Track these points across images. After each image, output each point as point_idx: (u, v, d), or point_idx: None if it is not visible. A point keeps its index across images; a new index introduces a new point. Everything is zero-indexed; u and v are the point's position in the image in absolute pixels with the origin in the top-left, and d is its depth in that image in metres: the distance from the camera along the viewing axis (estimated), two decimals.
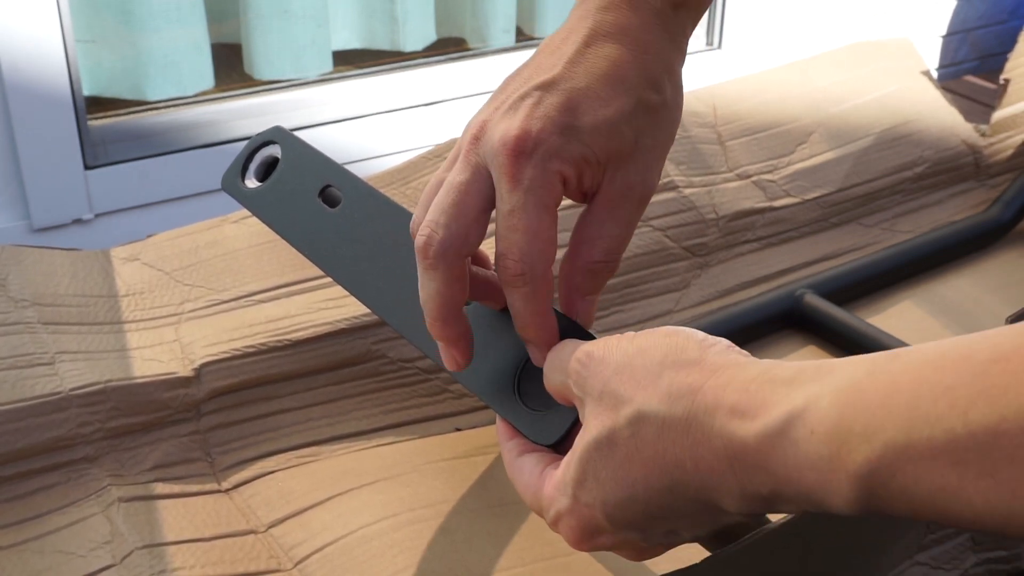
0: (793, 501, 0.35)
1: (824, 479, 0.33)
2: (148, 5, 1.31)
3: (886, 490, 0.32)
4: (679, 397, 0.37)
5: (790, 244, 0.96)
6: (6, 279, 0.74)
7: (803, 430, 0.34)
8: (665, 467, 0.37)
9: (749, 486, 0.36)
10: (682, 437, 0.37)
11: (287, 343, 0.73)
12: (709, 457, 0.36)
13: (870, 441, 0.32)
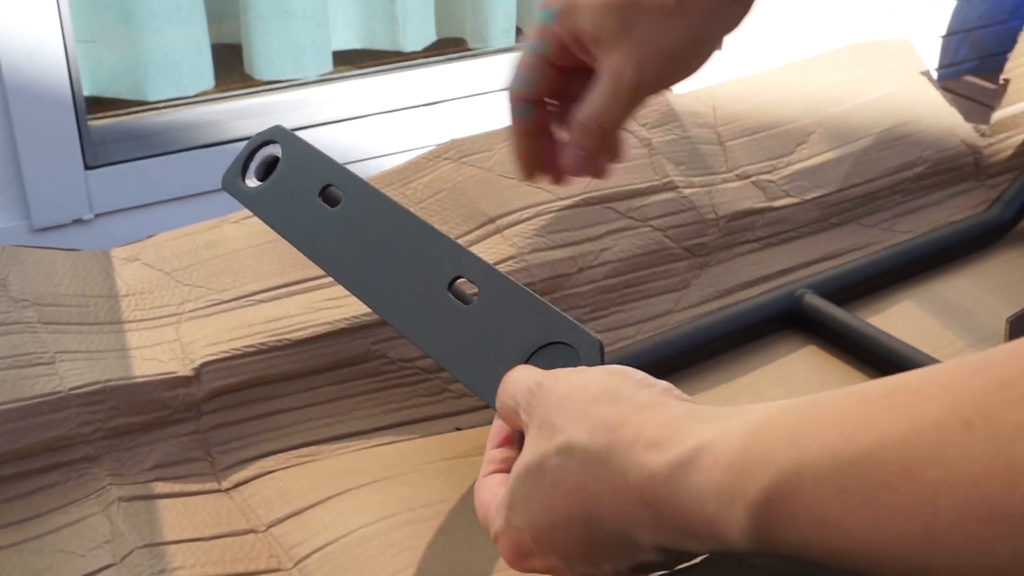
0: (698, 536, 0.35)
1: (723, 509, 0.33)
2: (148, 5, 1.31)
3: (779, 519, 0.32)
4: (603, 431, 0.38)
5: (790, 244, 0.96)
6: (6, 279, 0.74)
7: (708, 459, 0.34)
8: (584, 499, 0.38)
9: (660, 520, 0.36)
10: (601, 470, 0.38)
11: (287, 343, 0.73)
12: (625, 490, 0.37)
13: (766, 469, 0.32)
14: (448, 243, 0.55)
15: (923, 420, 0.29)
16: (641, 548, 0.38)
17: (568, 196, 0.85)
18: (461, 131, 0.90)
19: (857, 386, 0.32)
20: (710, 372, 0.83)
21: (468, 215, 0.82)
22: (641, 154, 0.92)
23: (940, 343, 0.86)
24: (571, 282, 0.83)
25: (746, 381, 0.82)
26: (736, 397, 0.80)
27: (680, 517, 0.35)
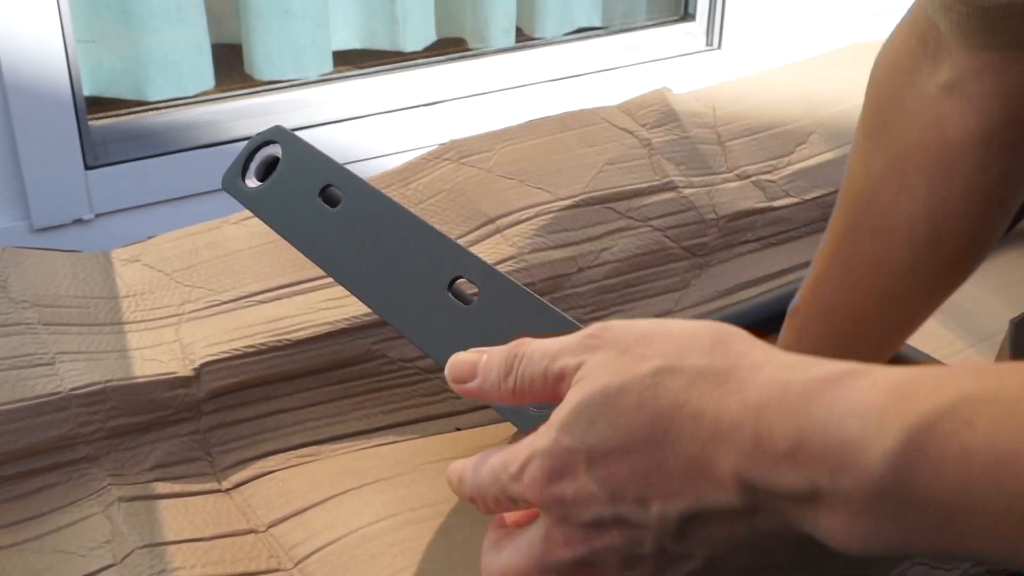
0: (806, 464, 0.31)
1: (869, 429, 0.29)
2: (148, 5, 1.31)
3: (941, 446, 0.28)
4: (725, 355, 0.34)
5: (790, 244, 0.96)
6: (7, 280, 0.74)
7: (863, 381, 0.31)
8: (678, 417, 0.34)
9: (767, 438, 0.32)
10: (713, 388, 0.34)
11: (287, 343, 0.73)
12: (735, 407, 0.33)
13: (938, 394, 0.29)
14: (448, 243, 0.55)
15: None
16: (715, 482, 0.33)
17: (568, 196, 0.85)
18: (461, 131, 0.90)
19: None
20: None
21: (468, 215, 0.82)
22: (641, 154, 0.92)
23: (940, 343, 0.86)
24: (571, 282, 0.83)
25: None
26: None
27: (798, 436, 0.31)
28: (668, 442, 0.34)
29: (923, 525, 0.29)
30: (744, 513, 0.33)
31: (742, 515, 0.34)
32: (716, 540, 0.35)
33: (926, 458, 0.28)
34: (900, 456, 0.29)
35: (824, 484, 0.31)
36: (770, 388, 0.32)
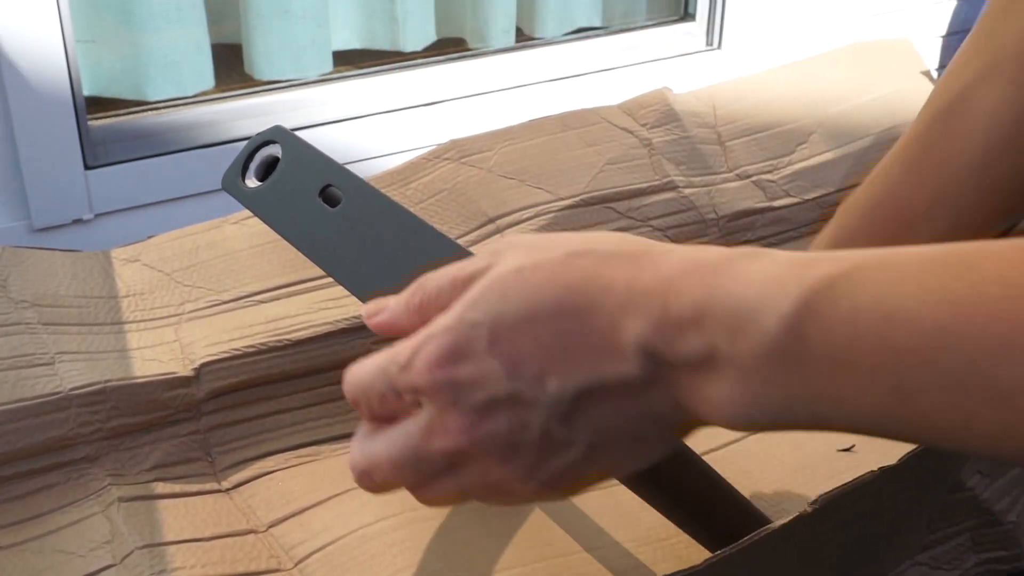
0: (708, 328, 0.32)
1: (769, 293, 0.31)
2: (148, 5, 1.31)
3: (833, 308, 0.30)
4: (635, 243, 0.36)
5: (790, 244, 0.96)
6: (6, 280, 0.74)
7: (771, 257, 0.32)
8: (589, 289, 0.34)
9: (675, 306, 0.32)
10: (625, 263, 0.34)
11: (287, 343, 0.73)
12: (647, 279, 0.34)
13: (835, 262, 0.30)
14: (448, 243, 0.55)
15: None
16: (617, 352, 0.33)
17: (568, 196, 0.85)
18: (461, 131, 0.90)
19: None
20: None
21: (468, 215, 0.82)
22: (641, 154, 0.92)
23: None
24: None
25: None
26: None
27: (704, 300, 0.32)
28: (577, 313, 0.34)
29: (807, 388, 0.30)
30: (640, 386, 0.34)
31: (637, 389, 0.34)
32: (603, 423, 0.35)
33: (818, 319, 0.30)
34: (794, 317, 0.30)
35: (722, 346, 0.32)
36: (683, 263, 0.33)
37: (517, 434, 0.36)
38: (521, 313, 0.35)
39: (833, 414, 0.31)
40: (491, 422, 0.36)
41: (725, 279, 0.32)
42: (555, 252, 0.35)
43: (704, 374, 0.32)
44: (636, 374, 0.34)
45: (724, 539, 0.59)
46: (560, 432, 0.35)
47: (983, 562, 0.66)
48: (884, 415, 0.30)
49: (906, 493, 0.56)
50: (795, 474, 0.72)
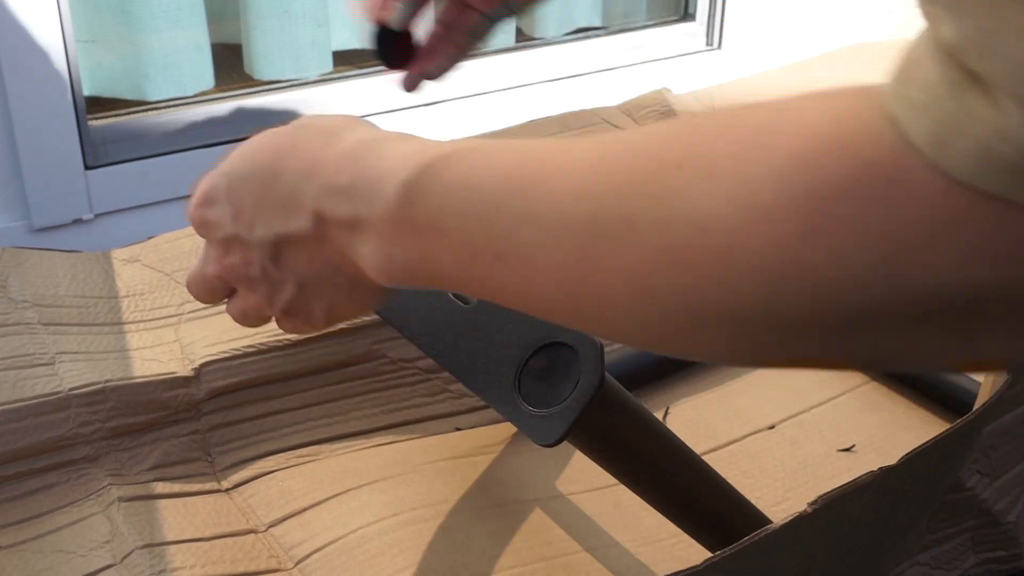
0: (355, 196, 0.38)
1: (395, 166, 0.37)
2: (148, 5, 1.31)
3: (438, 176, 0.36)
4: (349, 122, 0.43)
5: None
6: (6, 280, 0.74)
7: (416, 140, 0.39)
8: (290, 154, 0.42)
9: (337, 176, 0.39)
10: (320, 138, 0.41)
11: (287, 343, 0.73)
12: (328, 152, 0.40)
13: (458, 143, 0.37)
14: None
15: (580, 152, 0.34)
16: (297, 210, 0.41)
17: None
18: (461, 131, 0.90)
19: None
20: (710, 372, 0.83)
21: None
22: None
23: None
24: None
25: (746, 381, 0.82)
26: (736, 397, 0.80)
27: (356, 173, 0.39)
28: (275, 173, 0.41)
29: (421, 251, 0.37)
30: (314, 241, 0.41)
31: (313, 243, 0.41)
32: (300, 267, 0.42)
33: (421, 190, 0.36)
34: (405, 187, 0.36)
35: (363, 212, 0.38)
36: (355, 143, 0.40)
37: (246, 268, 0.44)
38: (245, 170, 0.43)
39: (438, 274, 0.37)
40: (229, 256, 0.44)
41: (374, 157, 0.39)
42: (292, 124, 0.44)
43: (356, 235, 0.39)
44: (310, 230, 0.41)
45: (724, 539, 0.59)
46: (274, 271, 0.43)
47: (983, 562, 0.66)
48: (466, 276, 0.36)
49: (906, 493, 0.56)
50: (795, 474, 0.73)
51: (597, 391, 0.48)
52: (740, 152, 0.30)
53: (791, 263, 0.29)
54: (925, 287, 0.27)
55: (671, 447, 0.56)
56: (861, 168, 0.28)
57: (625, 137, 0.33)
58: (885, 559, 0.62)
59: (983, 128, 0.25)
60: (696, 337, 0.31)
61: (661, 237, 0.30)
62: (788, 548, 0.49)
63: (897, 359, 0.30)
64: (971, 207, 0.26)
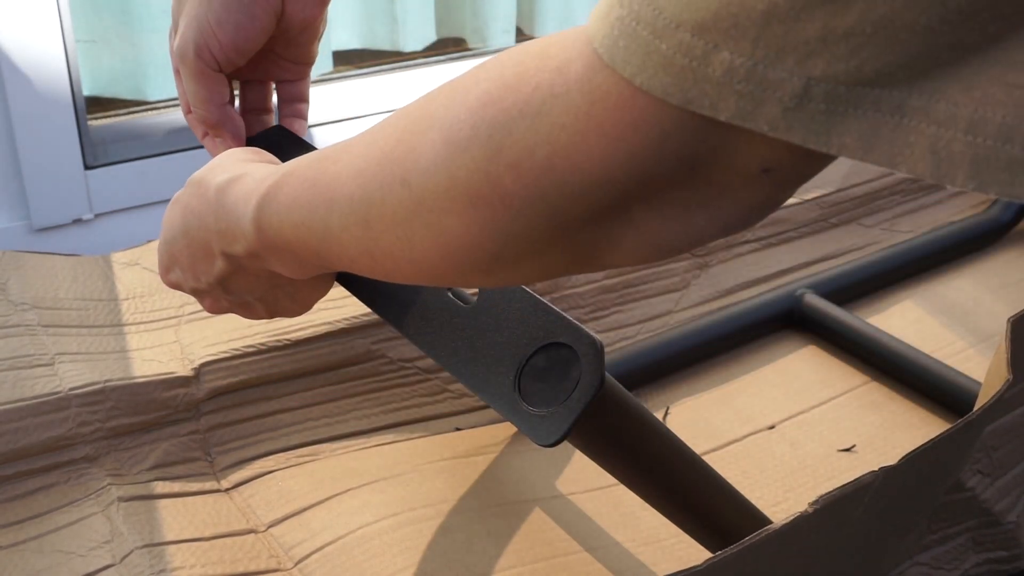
0: (232, 234, 0.46)
1: (242, 205, 0.45)
2: (148, 5, 1.31)
3: (270, 204, 0.43)
4: (211, 169, 0.50)
5: (790, 244, 0.96)
6: (6, 283, 0.74)
7: (248, 177, 0.46)
8: (187, 215, 0.50)
9: (216, 225, 0.47)
10: (199, 189, 0.49)
11: (287, 343, 0.73)
12: (207, 205, 0.48)
13: (277, 172, 0.44)
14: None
15: (357, 157, 0.40)
16: (214, 256, 0.49)
17: None
18: None
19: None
20: (710, 372, 0.83)
21: None
22: None
23: (940, 343, 0.86)
24: (571, 282, 0.83)
25: (746, 381, 0.82)
26: (736, 397, 0.80)
27: (224, 219, 0.46)
28: (188, 232, 0.50)
29: (284, 267, 0.45)
30: (241, 270, 0.48)
31: (241, 272, 0.49)
32: (249, 288, 0.50)
33: (264, 219, 0.44)
34: (256, 219, 0.44)
35: (247, 246, 0.46)
36: (216, 194, 0.47)
37: (219, 304, 0.53)
38: (171, 236, 0.52)
39: (311, 270, 0.45)
40: (205, 300, 0.53)
41: (229, 201, 0.46)
42: (187, 184, 0.51)
43: (260, 261, 0.46)
44: (230, 267, 0.48)
45: (724, 539, 0.59)
46: (236, 298, 0.51)
47: (983, 562, 0.66)
48: (313, 267, 0.44)
49: (906, 494, 0.56)
50: (795, 474, 0.73)
51: (597, 391, 0.48)
52: (449, 101, 0.36)
53: (486, 184, 0.34)
54: (586, 183, 0.32)
55: (671, 447, 0.56)
56: (530, 92, 0.32)
57: (392, 117, 0.39)
58: (885, 559, 0.62)
59: (630, 20, 0.29)
60: (447, 264, 0.37)
61: (409, 192, 0.36)
62: (789, 548, 0.49)
63: (597, 255, 0.35)
64: (622, 104, 0.30)
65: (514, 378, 0.51)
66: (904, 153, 0.26)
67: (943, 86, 0.26)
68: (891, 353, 0.81)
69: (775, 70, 0.27)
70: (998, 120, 0.26)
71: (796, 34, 0.26)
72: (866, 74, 0.26)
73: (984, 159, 0.26)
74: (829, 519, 0.49)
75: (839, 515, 0.50)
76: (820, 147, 0.27)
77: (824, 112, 0.27)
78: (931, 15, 0.25)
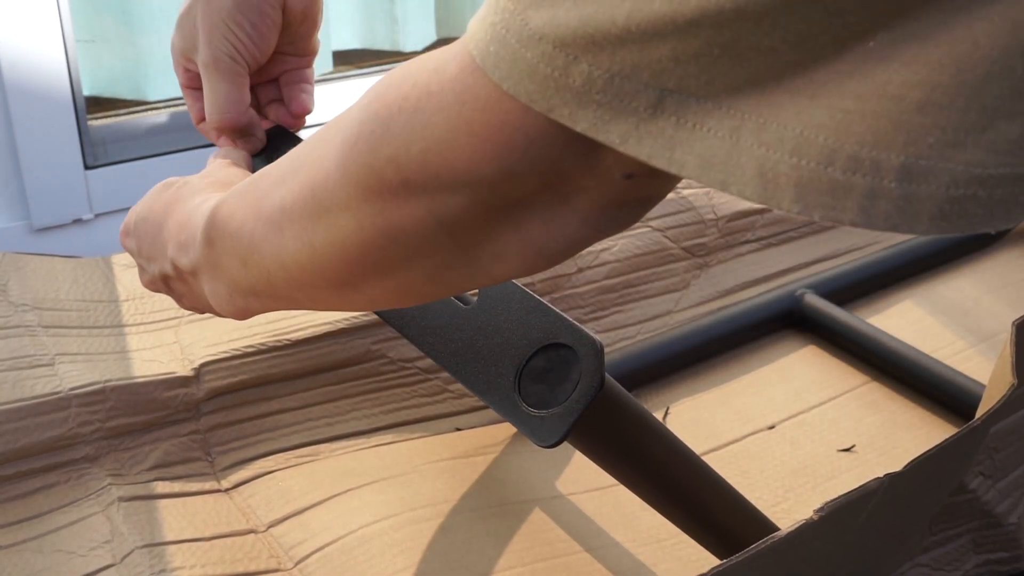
0: (186, 248, 0.48)
1: (199, 220, 0.47)
2: (148, 5, 1.31)
3: (214, 222, 0.45)
4: (201, 177, 0.54)
5: (790, 244, 0.96)
6: (6, 285, 0.74)
7: (214, 201, 0.47)
8: (168, 211, 0.52)
9: (179, 236, 0.49)
10: (175, 203, 0.52)
11: (287, 343, 0.73)
12: (177, 215, 0.50)
13: (232, 191, 0.46)
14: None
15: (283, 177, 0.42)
16: (164, 259, 0.51)
17: None
18: None
19: None
20: (710, 372, 0.83)
21: None
22: None
23: (940, 343, 0.86)
24: (571, 282, 0.83)
25: (746, 381, 0.82)
26: (736, 397, 0.80)
27: (185, 231, 0.49)
28: (160, 224, 0.52)
29: (230, 282, 0.46)
30: (184, 279, 0.50)
31: (185, 281, 0.50)
32: (184, 292, 0.52)
33: (213, 232, 0.45)
34: (206, 232, 0.46)
35: (193, 259, 0.48)
36: (188, 206, 0.50)
37: (154, 285, 0.55)
38: (143, 213, 0.54)
39: (245, 296, 0.46)
40: (145, 275, 0.56)
41: (184, 214, 0.49)
42: (183, 184, 0.54)
43: (198, 277, 0.48)
44: (175, 274, 0.51)
45: (724, 539, 0.59)
46: (171, 291, 0.54)
47: (984, 563, 0.66)
48: (249, 293, 0.46)
49: (910, 499, 0.56)
50: (795, 474, 0.73)
51: (597, 392, 0.48)
52: (355, 104, 0.37)
53: (371, 176, 0.35)
54: (459, 180, 0.33)
55: (671, 447, 0.56)
56: (408, 89, 0.34)
57: (322, 131, 0.40)
58: (886, 562, 0.62)
59: (501, 28, 0.30)
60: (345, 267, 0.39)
61: (312, 193, 0.38)
62: (793, 555, 0.49)
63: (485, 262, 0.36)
64: (491, 105, 0.31)
65: (514, 379, 0.51)
66: (735, 174, 0.27)
67: (778, 111, 0.26)
68: (891, 353, 0.81)
69: (631, 82, 0.28)
70: (820, 142, 0.26)
71: (649, 53, 0.27)
72: (716, 88, 0.27)
73: (808, 182, 0.26)
74: (833, 526, 0.49)
75: (843, 521, 0.50)
76: (662, 164, 0.28)
77: (673, 126, 0.27)
78: (774, 37, 0.25)
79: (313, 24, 0.64)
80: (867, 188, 0.26)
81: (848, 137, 0.25)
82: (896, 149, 0.25)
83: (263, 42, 0.60)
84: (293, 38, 0.64)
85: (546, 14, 0.29)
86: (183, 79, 0.65)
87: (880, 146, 0.25)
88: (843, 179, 0.26)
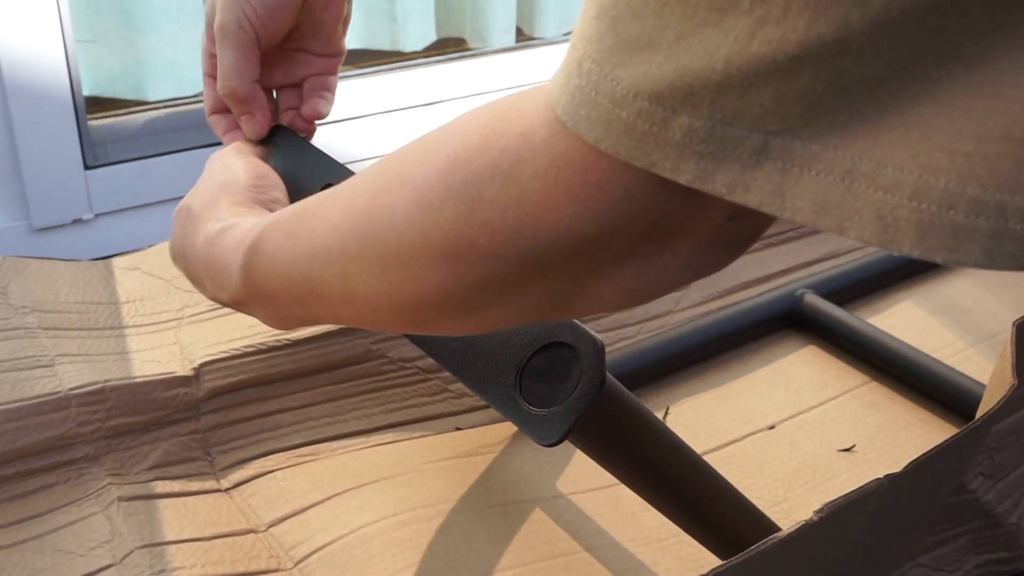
0: (221, 282, 0.49)
1: (232, 255, 0.47)
2: (148, 5, 1.31)
3: (256, 256, 0.45)
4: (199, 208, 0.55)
5: (790, 244, 0.96)
6: (7, 287, 0.74)
7: (237, 228, 0.49)
8: (184, 248, 0.54)
9: (207, 269, 0.50)
10: (195, 226, 0.53)
11: (287, 343, 0.73)
12: (201, 252, 0.51)
13: (259, 225, 0.46)
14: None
15: (333, 209, 0.42)
16: (209, 293, 0.52)
17: None
18: None
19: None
20: (710, 372, 0.83)
21: None
22: None
23: (940, 343, 0.86)
24: None
25: (746, 381, 0.82)
26: (736, 397, 0.80)
27: (213, 268, 0.50)
28: (197, 259, 0.52)
29: (278, 310, 0.46)
30: (236, 304, 0.50)
31: (236, 306, 0.51)
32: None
33: (252, 268, 0.46)
34: (244, 269, 0.46)
35: (233, 295, 0.48)
36: (206, 243, 0.51)
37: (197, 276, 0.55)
38: (172, 255, 0.56)
39: (303, 321, 0.46)
40: (199, 286, 0.55)
41: (218, 252, 0.49)
42: (188, 215, 0.55)
43: (245, 306, 0.49)
44: (230, 301, 0.50)
45: (724, 539, 0.59)
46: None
47: (984, 563, 0.66)
48: (311, 317, 0.45)
49: (910, 499, 0.56)
50: (795, 474, 0.72)
51: (598, 391, 0.48)
52: (420, 159, 0.37)
53: (460, 242, 0.35)
54: (558, 240, 0.33)
55: (671, 447, 0.56)
56: (497, 156, 0.33)
57: (370, 170, 0.41)
58: (886, 562, 0.62)
59: (589, 90, 0.30)
60: (415, 311, 0.39)
61: (384, 247, 0.38)
62: (793, 556, 0.49)
63: (565, 304, 0.36)
64: (588, 167, 0.31)
65: (515, 377, 0.51)
66: (853, 219, 0.27)
67: (891, 152, 0.26)
68: (891, 353, 0.81)
69: (733, 129, 0.27)
70: (941, 186, 0.26)
71: (751, 97, 0.27)
72: (822, 127, 0.27)
73: (929, 225, 0.26)
74: (833, 526, 0.49)
75: (843, 522, 0.50)
76: (774, 211, 0.28)
77: (780, 171, 0.27)
78: (878, 67, 0.25)
79: (337, 13, 0.62)
80: (991, 230, 0.26)
81: (970, 181, 0.25)
82: (1021, 191, 0.25)
83: (278, 14, 0.59)
84: (316, 27, 0.62)
85: (637, 71, 0.29)
86: (206, 66, 0.64)
87: (1004, 188, 0.25)
88: (966, 222, 0.26)
